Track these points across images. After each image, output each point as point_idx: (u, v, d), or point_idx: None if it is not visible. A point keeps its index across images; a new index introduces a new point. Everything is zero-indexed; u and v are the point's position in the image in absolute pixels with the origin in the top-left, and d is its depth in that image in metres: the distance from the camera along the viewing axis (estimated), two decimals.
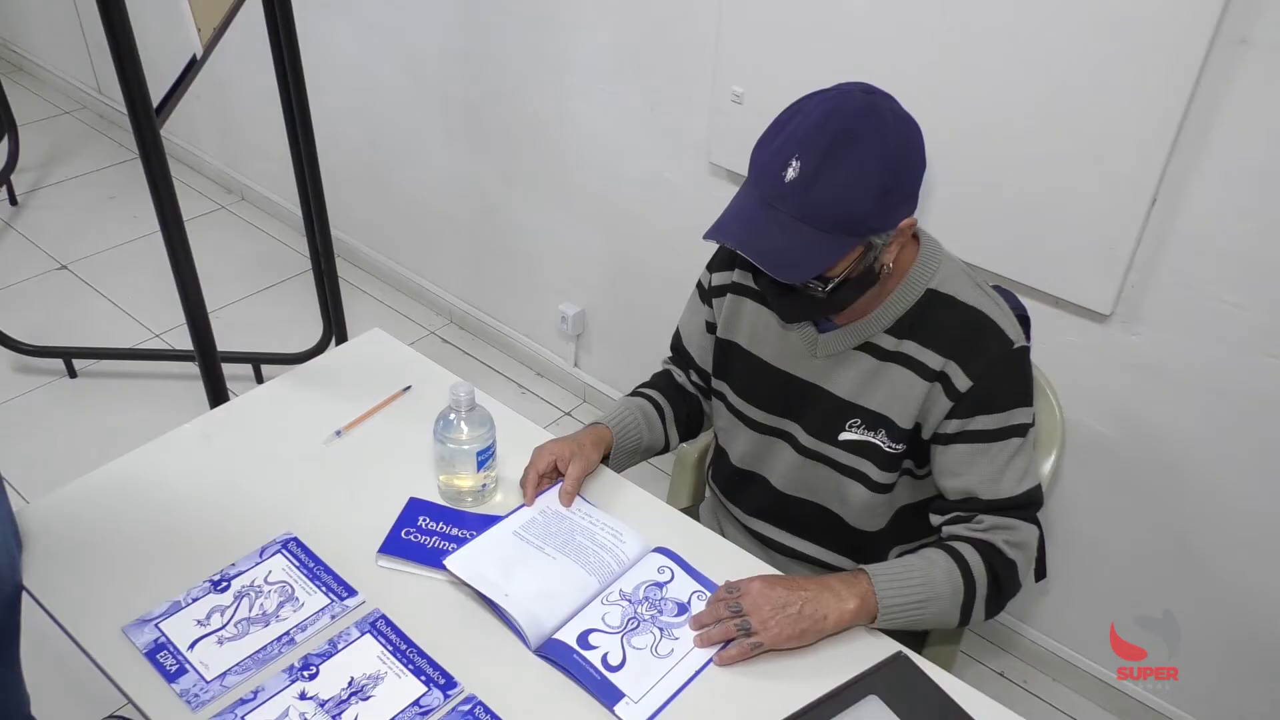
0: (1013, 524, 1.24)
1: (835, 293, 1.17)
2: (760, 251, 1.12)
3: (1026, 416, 1.24)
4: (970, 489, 1.24)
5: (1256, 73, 1.38)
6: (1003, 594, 1.24)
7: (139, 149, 1.67)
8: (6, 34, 4.31)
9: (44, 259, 3.17)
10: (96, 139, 3.86)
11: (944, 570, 1.21)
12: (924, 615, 1.20)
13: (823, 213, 1.10)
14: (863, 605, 1.18)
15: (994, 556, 1.23)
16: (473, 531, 1.29)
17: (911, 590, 1.19)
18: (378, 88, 2.74)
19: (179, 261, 1.81)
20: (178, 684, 1.10)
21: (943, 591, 1.20)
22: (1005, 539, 1.23)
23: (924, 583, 1.20)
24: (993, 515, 1.24)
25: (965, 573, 1.21)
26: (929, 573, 1.21)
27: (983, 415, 1.22)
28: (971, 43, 1.58)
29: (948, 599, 1.21)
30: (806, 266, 1.12)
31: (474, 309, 2.92)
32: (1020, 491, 1.24)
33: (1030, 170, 1.61)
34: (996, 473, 1.23)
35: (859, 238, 1.13)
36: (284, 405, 1.52)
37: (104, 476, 1.37)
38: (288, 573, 1.23)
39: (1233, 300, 1.53)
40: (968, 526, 1.25)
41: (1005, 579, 1.23)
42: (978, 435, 1.23)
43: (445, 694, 1.10)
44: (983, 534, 1.24)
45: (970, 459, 1.24)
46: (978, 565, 1.22)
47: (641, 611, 1.20)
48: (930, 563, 1.22)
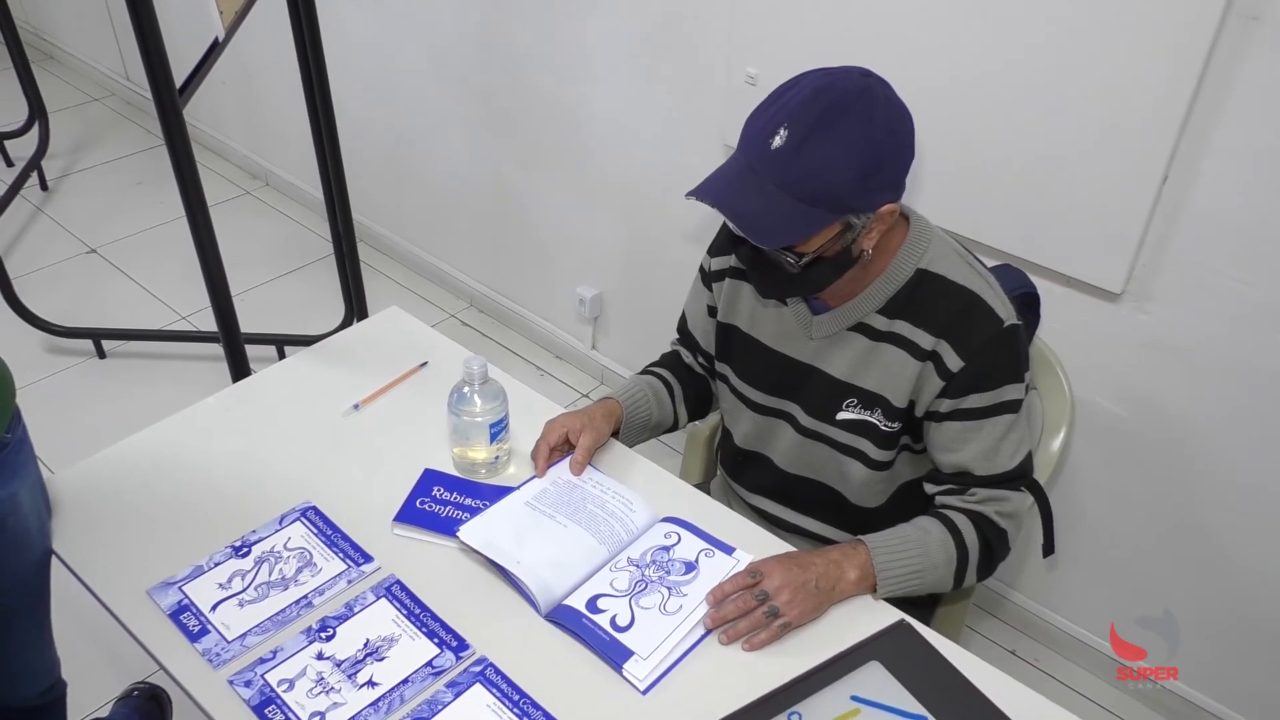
0: (1004, 495, 1.28)
1: (809, 269, 1.18)
2: (737, 214, 1.14)
3: (1018, 392, 1.26)
4: (964, 465, 1.27)
5: (1267, 49, 1.37)
6: (994, 559, 1.29)
7: (162, 129, 1.70)
8: (36, 22, 4.39)
9: (74, 243, 3.24)
10: (125, 125, 3.92)
11: (938, 540, 1.25)
12: (921, 584, 1.24)
13: (803, 183, 1.11)
14: (863, 575, 1.22)
15: (986, 525, 1.27)
16: (486, 502, 1.32)
17: (908, 561, 1.23)
18: (398, 74, 2.77)
19: (203, 243, 1.85)
20: (200, 644, 1.13)
21: (937, 560, 1.24)
22: (997, 509, 1.27)
23: (919, 553, 1.24)
24: (985, 488, 1.28)
25: (959, 542, 1.25)
26: (924, 542, 1.24)
27: (974, 394, 1.24)
28: (983, 23, 1.58)
29: (942, 567, 1.25)
30: (780, 234, 1.14)
31: (493, 292, 2.96)
32: (1013, 465, 1.27)
33: (1041, 149, 1.61)
34: (990, 449, 1.26)
35: (837, 215, 1.14)
36: (304, 380, 1.55)
37: (130, 447, 1.41)
38: (306, 539, 1.27)
39: (1244, 279, 1.53)
40: (961, 498, 1.29)
41: (997, 546, 1.28)
42: (970, 413, 1.25)
43: (457, 656, 1.14)
44: (976, 505, 1.28)
45: (964, 436, 1.26)
46: (970, 534, 1.26)
47: (649, 574, 1.23)
48: (925, 532, 1.26)
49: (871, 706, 1.09)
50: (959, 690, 1.11)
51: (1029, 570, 2.08)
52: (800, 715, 1.08)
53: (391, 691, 1.10)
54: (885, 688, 1.11)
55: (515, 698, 1.09)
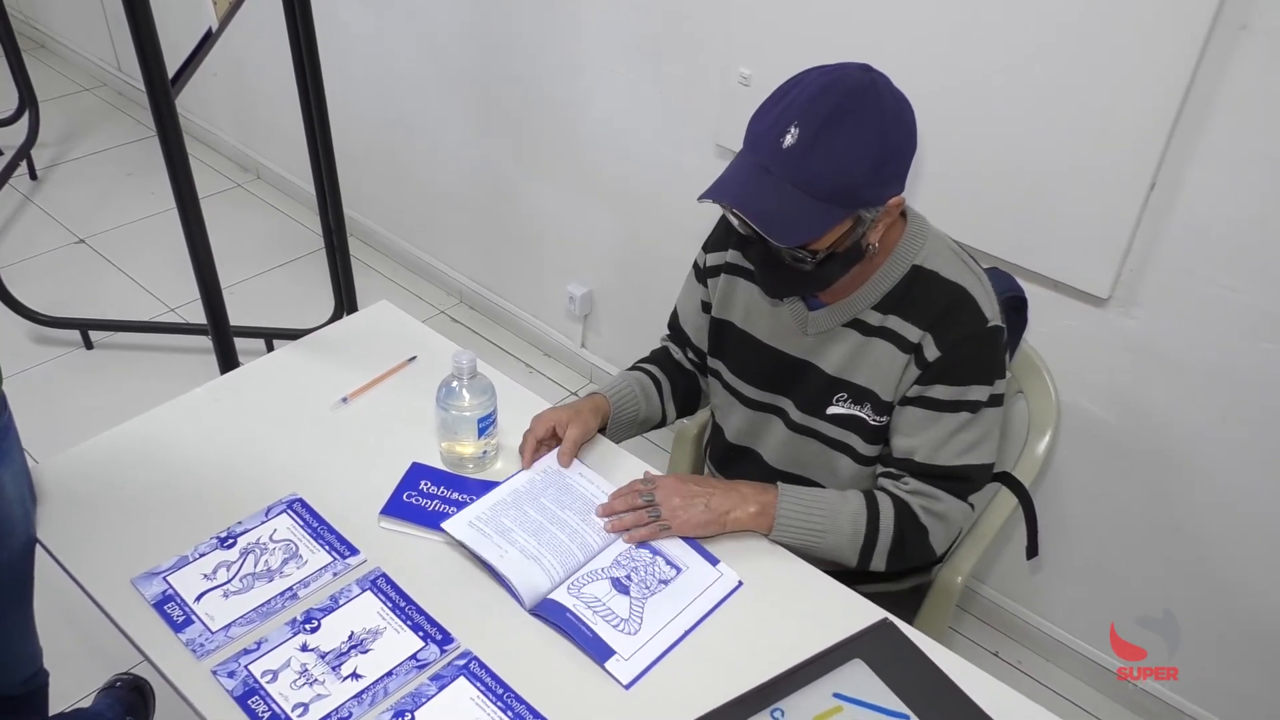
0: (937, 494, 1.29)
1: (821, 266, 1.20)
2: (758, 213, 1.15)
3: (982, 395, 1.27)
4: (911, 450, 1.29)
5: (1255, 58, 1.39)
6: (906, 553, 1.30)
7: (154, 119, 1.70)
8: (29, 11, 4.37)
9: (63, 233, 3.22)
10: (116, 116, 3.91)
11: (852, 511, 1.28)
12: (820, 543, 1.28)
13: (818, 180, 1.12)
14: (761, 513, 1.26)
15: (907, 518, 1.28)
16: (473, 496, 1.32)
17: (813, 517, 1.26)
18: (392, 68, 2.77)
19: (193, 235, 1.85)
20: (184, 634, 1.13)
21: (843, 528, 1.27)
22: (923, 505, 1.29)
23: (827, 514, 1.27)
24: (919, 480, 1.29)
25: (872, 521, 1.28)
26: (837, 507, 1.28)
27: (940, 385, 1.26)
28: (974, 27, 1.59)
29: (846, 538, 1.27)
30: (799, 232, 1.15)
31: (484, 289, 2.95)
32: (956, 464, 1.28)
33: (1030, 154, 1.62)
34: (939, 442, 1.27)
35: (850, 209, 1.15)
36: (292, 372, 1.55)
37: (116, 437, 1.41)
38: (292, 531, 1.27)
39: (1230, 285, 1.54)
40: (895, 484, 1.31)
41: (911, 540, 1.29)
42: (931, 403, 1.27)
43: (442, 649, 1.14)
44: (904, 494, 1.29)
45: (920, 423, 1.28)
46: (888, 519, 1.28)
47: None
48: (843, 499, 1.29)
49: (854, 704, 1.09)
50: (941, 689, 1.12)
51: (1013, 573, 2.09)
52: (783, 712, 1.08)
53: (375, 684, 1.10)
54: (868, 685, 1.11)
55: (499, 691, 1.10)
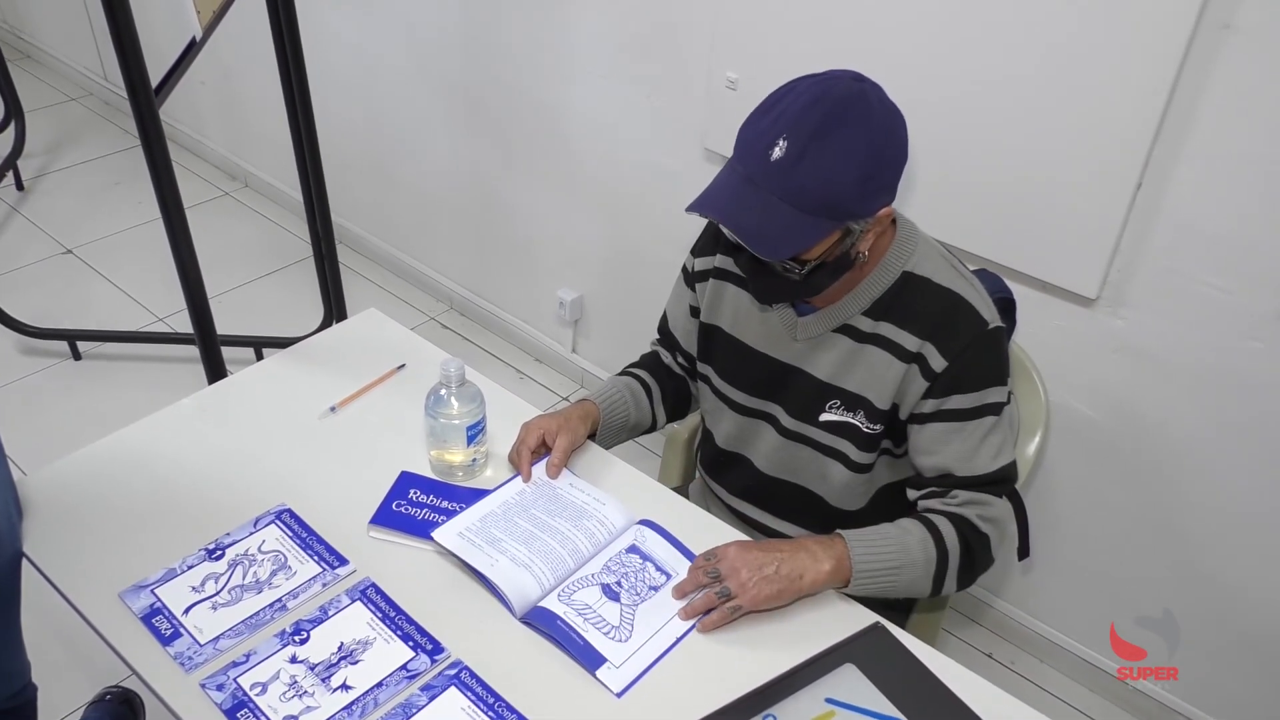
0: (986, 499, 1.27)
1: (811, 276, 1.19)
2: (742, 228, 1.14)
3: (1001, 395, 1.26)
4: (946, 466, 1.27)
5: (1239, 58, 1.39)
6: (975, 566, 1.27)
7: (138, 129, 1.69)
8: (14, 21, 4.35)
9: (50, 243, 3.21)
10: (102, 125, 3.89)
11: (918, 539, 1.24)
12: (897, 582, 1.23)
13: (806, 194, 1.12)
14: (837, 568, 1.20)
15: (968, 529, 1.25)
16: (462, 504, 1.31)
17: (886, 557, 1.22)
18: (380, 75, 2.76)
19: (179, 244, 1.84)
20: (172, 647, 1.13)
21: (916, 559, 1.23)
22: (979, 513, 1.26)
23: (898, 550, 1.23)
24: (967, 491, 1.27)
25: (939, 543, 1.24)
26: (903, 540, 1.24)
27: (957, 395, 1.24)
28: (960, 31, 1.60)
29: (920, 567, 1.23)
30: (786, 246, 1.14)
31: (473, 295, 2.95)
32: (995, 468, 1.27)
33: (1017, 156, 1.62)
34: (971, 450, 1.26)
35: (838, 222, 1.15)
36: (280, 382, 1.54)
37: (103, 448, 1.40)
38: (281, 542, 1.26)
39: (1217, 284, 1.55)
40: (942, 501, 1.28)
41: (978, 551, 1.26)
42: (953, 414, 1.25)
43: (432, 659, 1.13)
44: (957, 508, 1.26)
45: (946, 437, 1.26)
46: (951, 537, 1.24)
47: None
48: (905, 531, 1.25)
49: (846, 709, 1.09)
50: (933, 693, 1.12)
51: (1005, 574, 2.09)
52: (775, 717, 1.08)
53: (365, 695, 1.09)
54: (860, 690, 1.11)
55: (490, 700, 1.09)
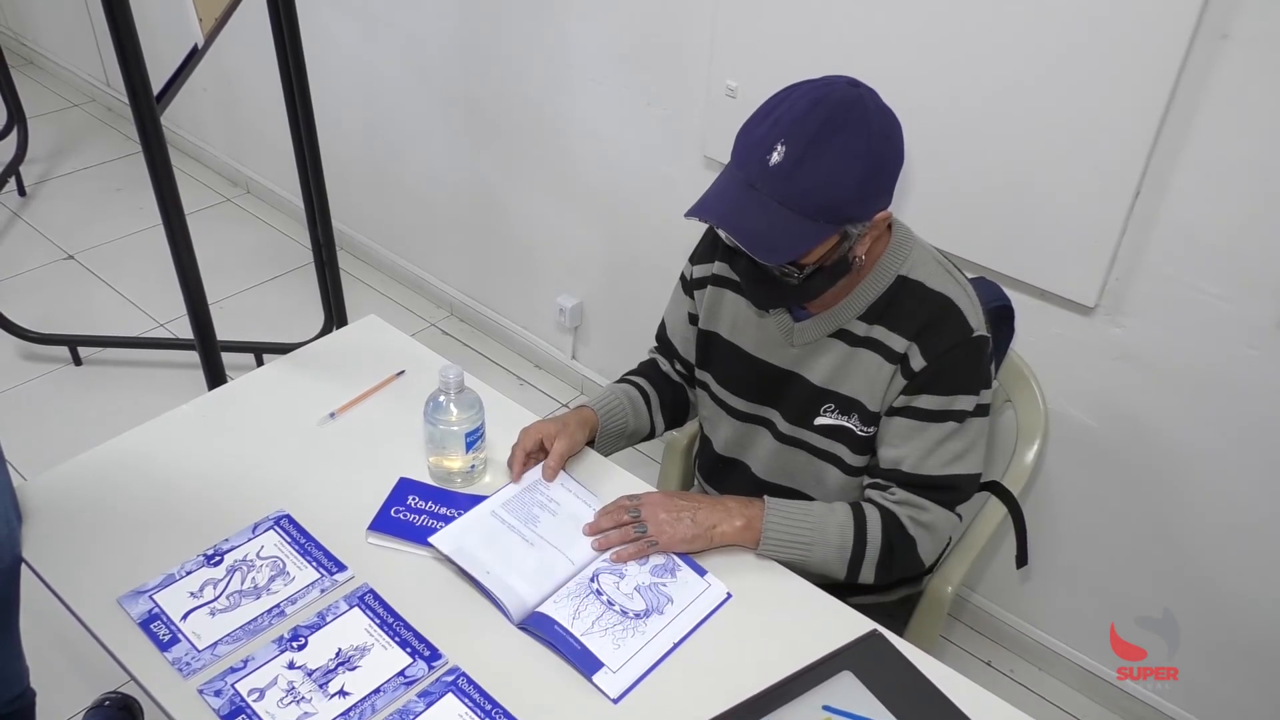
0: (924, 504, 1.29)
1: (809, 280, 1.20)
2: (742, 232, 1.15)
3: (968, 404, 1.27)
4: (897, 461, 1.29)
5: (1237, 67, 1.39)
6: (894, 564, 1.29)
7: (139, 134, 1.70)
8: (17, 27, 4.36)
9: (51, 249, 3.21)
10: (104, 132, 3.90)
11: (839, 523, 1.27)
12: (809, 557, 1.27)
13: (804, 198, 1.12)
14: (748, 527, 1.26)
15: (894, 528, 1.28)
16: (461, 511, 1.32)
17: (800, 531, 1.26)
18: (380, 81, 2.77)
19: (179, 249, 1.84)
20: (170, 653, 1.13)
21: (830, 541, 1.27)
22: (911, 515, 1.28)
23: (814, 528, 1.27)
24: (906, 490, 1.29)
25: (860, 532, 1.27)
26: (824, 520, 1.27)
27: (927, 395, 1.26)
28: (959, 38, 1.60)
29: (834, 549, 1.27)
30: (785, 250, 1.15)
31: (473, 301, 2.95)
32: (944, 474, 1.28)
33: (1016, 164, 1.63)
34: (925, 451, 1.27)
35: (836, 226, 1.15)
36: (280, 388, 1.55)
37: (102, 454, 1.40)
38: (279, 548, 1.26)
39: (1215, 292, 1.55)
40: (882, 494, 1.31)
41: (900, 551, 1.29)
42: (918, 413, 1.27)
43: (430, 665, 1.13)
44: (892, 504, 1.29)
45: (906, 434, 1.28)
46: (875, 530, 1.27)
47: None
48: (830, 511, 1.29)
49: (843, 716, 1.09)
50: (930, 701, 1.12)
51: (1004, 581, 2.09)
52: None
53: (363, 701, 1.09)
54: (857, 698, 1.11)
55: (487, 707, 1.09)
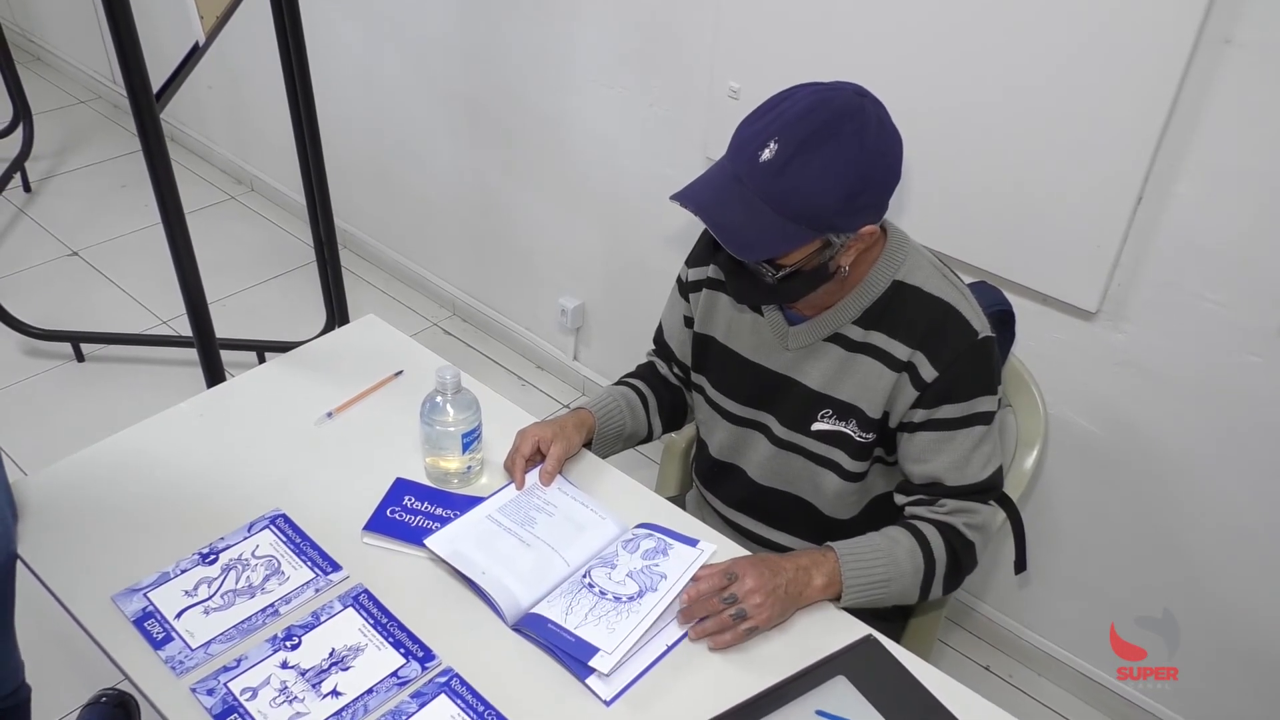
0: (974, 507, 1.28)
1: (785, 281, 1.19)
2: (719, 224, 1.15)
3: (990, 404, 1.27)
4: (935, 475, 1.27)
5: (1240, 73, 1.39)
6: (960, 572, 1.29)
7: (138, 130, 1.70)
8: (24, 24, 4.37)
9: (56, 245, 3.22)
10: (110, 128, 3.91)
11: (906, 550, 1.25)
12: (887, 593, 1.24)
13: (788, 200, 1.12)
14: (829, 583, 1.22)
15: (954, 537, 1.27)
16: (457, 512, 1.31)
17: (875, 570, 1.23)
18: (383, 81, 2.77)
19: (178, 246, 1.84)
20: (163, 651, 1.13)
21: (905, 570, 1.24)
22: (965, 521, 1.28)
23: (887, 562, 1.24)
24: (955, 500, 1.28)
25: (926, 552, 1.25)
26: (893, 552, 1.25)
27: (948, 404, 1.25)
28: (962, 43, 1.60)
29: (909, 577, 1.25)
30: (759, 248, 1.15)
31: (476, 301, 2.95)
32: (984, 477, 1.28)
33: (1018, 169, 1.62)
34: (961, 460, 1.26)
35: (818, 232, 1.15)
36: (277, 387, 1.55)
37: (99, 452, 1.40)
38: (275, 547, 1.26)
39: (1216, 299, 1.54)
40: (930, 509, 1.29)
41: (964, 558, 1.28)
42: (943, 424, 1.26)
43: (423, 666, 1.13)
44: (945, 516, 1.28)
45: (936, 446, 1.26)
46: (939, 545, 1.26)
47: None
48: (894, 541, 1.26)
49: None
50: (925, 706, 1.11)
51: (1002, 586, 2.08)
52: None
53: (355, 701, 1.09)
54: (851, 703, 1.10)
55: (480, 709, 1.09)
